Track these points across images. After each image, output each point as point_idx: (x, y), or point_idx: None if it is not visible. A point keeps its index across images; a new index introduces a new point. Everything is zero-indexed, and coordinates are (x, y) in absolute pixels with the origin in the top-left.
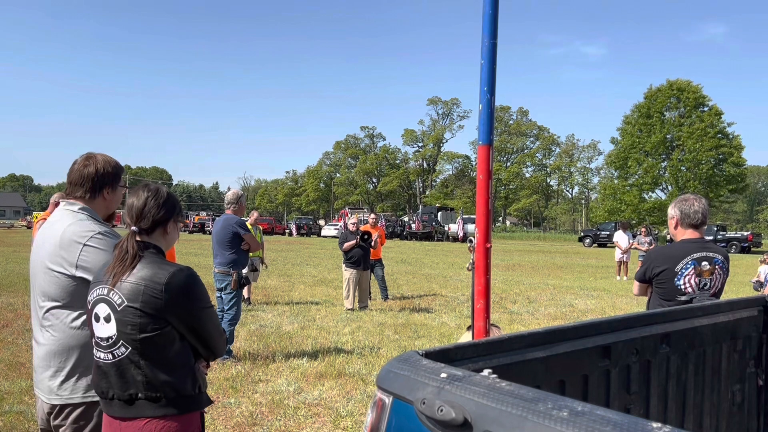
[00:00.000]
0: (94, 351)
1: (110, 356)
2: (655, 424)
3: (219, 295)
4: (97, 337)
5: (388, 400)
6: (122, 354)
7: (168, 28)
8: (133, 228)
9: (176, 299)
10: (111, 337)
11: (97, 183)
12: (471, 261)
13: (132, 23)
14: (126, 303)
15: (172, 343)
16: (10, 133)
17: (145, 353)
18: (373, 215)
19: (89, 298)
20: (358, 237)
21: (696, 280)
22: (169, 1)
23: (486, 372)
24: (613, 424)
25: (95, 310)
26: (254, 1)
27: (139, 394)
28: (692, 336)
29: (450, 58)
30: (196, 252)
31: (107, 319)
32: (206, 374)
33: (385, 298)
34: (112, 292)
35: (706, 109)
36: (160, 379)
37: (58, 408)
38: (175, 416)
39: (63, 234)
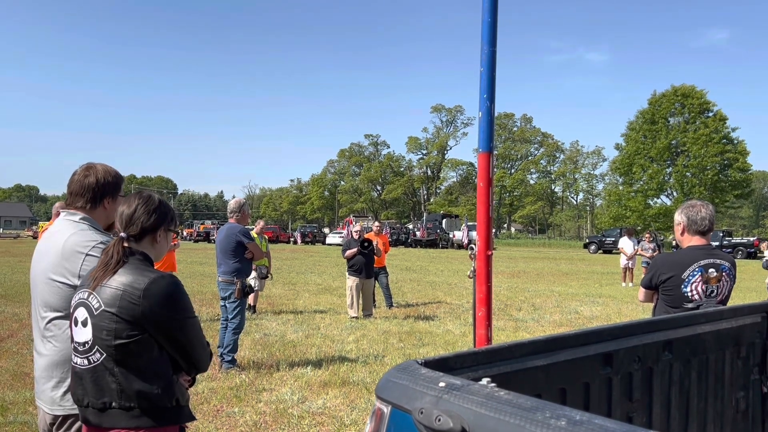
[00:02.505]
0: (72, 356)
1: (86, 362)
2: None
3: (223, 303)
4: (75, 342)
5: (386, 409)
6: (97, 360)
7: (172, 38)
8: (122, 234)
9: (155, 307)
10: (87, 342)
11: (98, 193)
12: (472, 269)
13: (136, 34)
14: (103, 307)
15: (149, 352)
16: (16, 144)
17: (120, 360)
18: (377, 223)
19: (72, 302)
20: (359, 245)
21: (703, 287)
22: (173, 11)
23: (485, 381)
24: None
25: (75, 314)
26: (258, 10)
27: (113, 403)
28: (695, 343)
29: (453, 66)
30: (200, 261)
31: (84, 324)
32: (187, 388)
33: (390, 305)
34: (91, 296)
35: (710, 114)
36: (134, 388)
37: (60, 419)
38: (149, 429)
39: (65, 244)
